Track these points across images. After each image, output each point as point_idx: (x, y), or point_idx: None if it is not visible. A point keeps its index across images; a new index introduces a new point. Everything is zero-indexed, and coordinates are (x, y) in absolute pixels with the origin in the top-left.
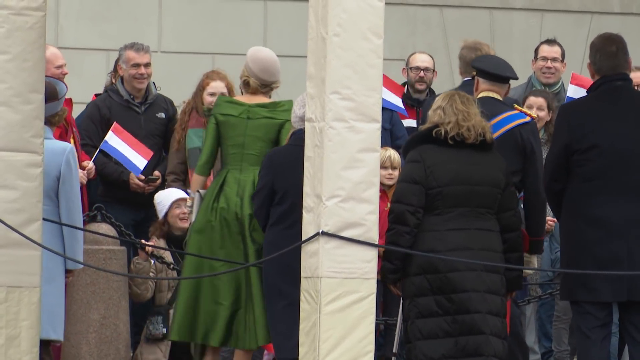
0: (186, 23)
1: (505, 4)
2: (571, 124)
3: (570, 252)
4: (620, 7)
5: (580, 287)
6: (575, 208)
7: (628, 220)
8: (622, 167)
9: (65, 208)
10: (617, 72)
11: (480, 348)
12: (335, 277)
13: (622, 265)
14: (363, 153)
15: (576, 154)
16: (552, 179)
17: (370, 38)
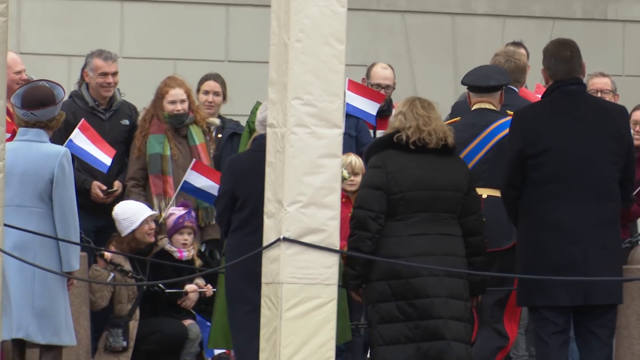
0: (148, 29)
1: (468, 10)
2: (525, 129)
3: (527, 257)
4: (582, 13)
5: (538, 292)
6: (531, 213)
7: (584, 224)
8: (576, 170)
9: (58, 211)
10: (571, 77)
11: (443, 354)
12: (296, 283)
13: (579, 269)
14: (324, 159)
15: (530, 159)
16: (509, 186)
17: (333, 44)
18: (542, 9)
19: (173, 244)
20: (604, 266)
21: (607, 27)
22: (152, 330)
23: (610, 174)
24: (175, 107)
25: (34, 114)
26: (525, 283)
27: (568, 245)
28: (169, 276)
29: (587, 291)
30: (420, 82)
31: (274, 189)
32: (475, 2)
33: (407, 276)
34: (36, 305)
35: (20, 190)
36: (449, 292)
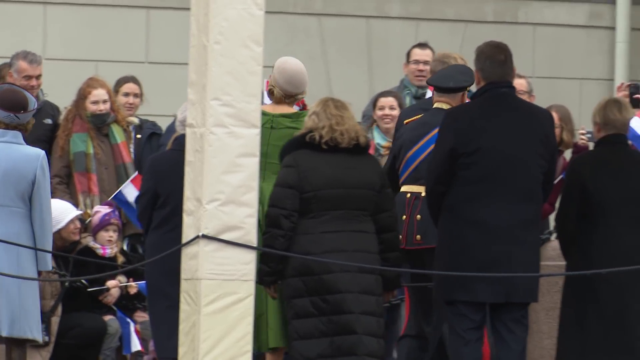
0: (71, 30)
1: (382, 13)
2: (457, 128)
3: (450, 253)
4: (494, 16)
5: (459, 288)
6: (458, 210)
7: (510, 224)
8: (506, 171)
9: (38, 210)
10: (503, 80)
11: (354, 347)
12: (215, 279)
13: (502, 267)
14: (242, 158)
15: (462, 157)
16: (436, 182)
17: (251, 46)
18: (454, 12)
19: (98, 240)
20: (526, 265)
21: (518, 29)
22: (72, 325)
23: (536, 176)
24: (98, 107)
25: (17, 116)
26: (447, 278)
27: (492, 244)
28: (91, 273)
29: (509, 289)
30: (336, 83)
31: (193, 187)
32: (389, 5)
33: (320, 272)
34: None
35: (2, 190)
36: (360, 288)
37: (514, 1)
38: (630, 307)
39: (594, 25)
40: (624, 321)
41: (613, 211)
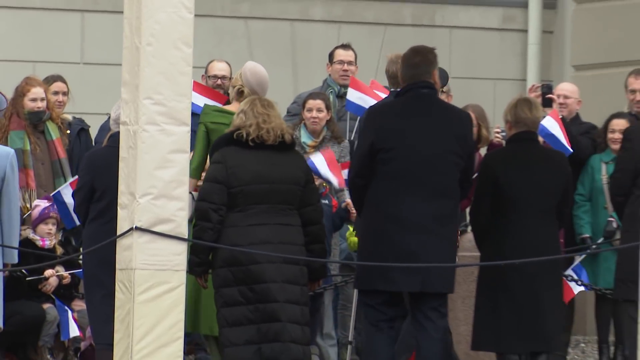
0: (9, 33)
1: (305, 16)
2: (378, 125)
3: (370, 244)
4: (412, 20)
5: (378, 278)
6: (378, 204)
7: (425, 218)
8: (423, 168)
9: (7, 206)
10: (421, 80)
11: (279, 334)
12: (148, 269)
13: (419, 258)
14: (174, 154)
15: (381, 153)
16: (356, 175)
17: (181, 47)
18: (374, 15)
19: (38, 233)
20: (441, 257)
21: (435, 32)
22: (12, 313)
23: (452, 174)
24: (36, 105)
25: None
26: (367, 268)
27: (409, 237)
28: (31, 263)
29: (425, 279)
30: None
31: (127, 182)
32: (312, 8)
33: (247, 263)
34: None
35: None
36: (285, 278)
37: (431, 5)
38: (540, 295)
39: (507, 28)
40: (535, 308)
41: (523, 205)
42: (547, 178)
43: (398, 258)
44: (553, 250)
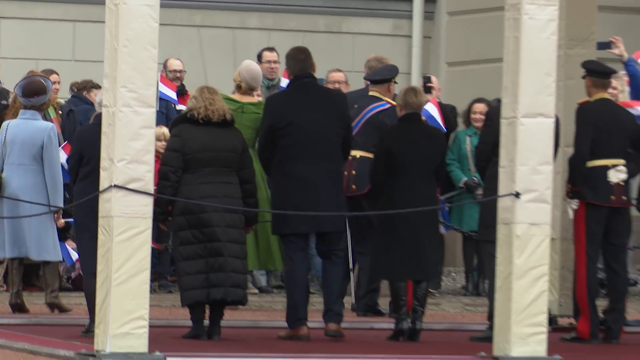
0: (17, 37)
1: (244, 25)
2: (274, 109)
3: (278, 199)
4: (325, 28)
5: (284, 224)
6: (281, 168)
7: (317, 176)
8: (311, 139)
9: (48, 167)
10: (305, 73)
11: (222, 266)
12: (123, 217)
13: (315, 207)
14: (143, 129)
15: (278, 130)
16: (263, 150)
17: (149, 49)
18: (296, 24)
19: None
20: (332, 205)
21: (342, 38)
22: None
23: (335, 142)
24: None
25: (30, 100)
26: (277, 217)
27: (306, 190)
28: None
29: (320, 222)
30: (210, 77)
31: (108, 150)
32: (249, 19)
33: (197, 212)
34: (34, 233)
35: (21, 154)
36: (226, 223)
37: (338, 16)
38: (422, 237)
39: (397, 34)
40: (418, 247)
41: (410, 168)
42: (428, 148)
43: (299, 207)
44: (431, 202)
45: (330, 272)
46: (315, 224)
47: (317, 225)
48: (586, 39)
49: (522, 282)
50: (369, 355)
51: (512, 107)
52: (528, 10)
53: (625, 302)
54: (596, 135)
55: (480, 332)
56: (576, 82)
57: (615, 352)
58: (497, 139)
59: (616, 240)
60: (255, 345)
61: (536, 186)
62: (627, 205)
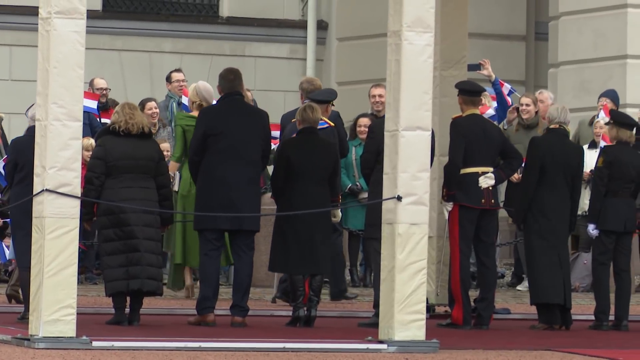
0: None
1: (159, 49)
2: (208, 119)
3: (203, 199)
4: (230, 51)
5: (208, 221)
6: (209, 171)
7: (239, 180)
8: (237, 147)
9: None
10: (234, 90)
11: (139, 260)
12: (54, 217)
13: (234, 208)
14: (71, 140)
15: (210, 137)
16: (194, 154)
17: (76, 69)
18: (205, 48)
19: None
20: (250, 206)
21: (245, 60)
22: None
23: (257, 150)
24: None
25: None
26: (200, 215)
27: (229, 192)
28: None
29: (239, 221)
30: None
31: (40, 159)
32: (163, 44)
33: (118, 212)
34: None
35: None
36: (143, 223)
37: (242, 41)
38: (315, 236)
39: (293, 57)
40: (312, 244)
41: (306, 175)
42: (322, 158)
43: (222, 207)
44: (324, 205)
45: (241, 270)
46: (235, 221)
47: (236, 223)
48: (458, 61)
49: (403, 275)
50: (268, 339)
51: (395, 121)
52: (407, 37)
53: (494, 292)
54: (468, 146)
55: (368, 318)
56: (450, 99)
57: (485, 337)
58: (379, 148)
59: (486, 238)
60: (169, 330)
61: (416, 190)
62: (496, 208)
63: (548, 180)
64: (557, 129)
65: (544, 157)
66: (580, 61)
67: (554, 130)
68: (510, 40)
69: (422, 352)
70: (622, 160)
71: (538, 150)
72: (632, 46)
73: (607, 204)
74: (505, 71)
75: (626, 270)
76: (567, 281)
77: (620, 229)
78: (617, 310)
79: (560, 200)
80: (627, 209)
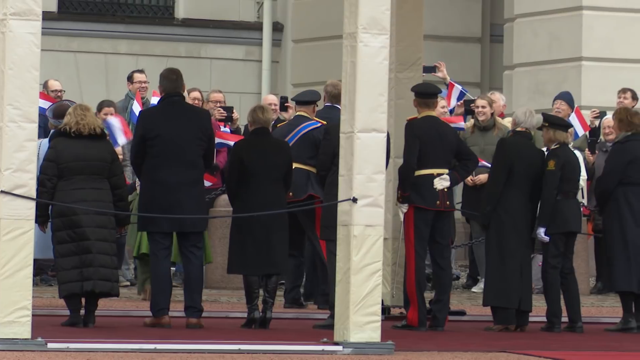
0: None
1: (115, 51)
2: (145, 122)
3: (145, 201)
4: (186, 53)
5: (150, 223)
6: (149, 174)
7: (180, 182)
8: (176, 149)
9: None
10: (175, 92)
11: (92, 261)
12: (10, 219)
13: (177, 209)
14: (27, 142)
15: (148, 141)
16: (134, 157)
17: (32, 71)
18: (160, 50)
19: None
20: (193, 207)
21: (201, 62)
22: None
23: (197, 152)
24: None
25: (60, 121)
26: (144, 218)
27: (169, 195)
28: None
29: (182, 223)
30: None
31: None
32: (119, 45)
33: (70, 214)
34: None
35: None
36: (96, 224)
37: (197, 43)
38: (271, 236)
39: (249, 59)
40: (268, 245)
41: (259, 175)
42: (276, 158)
43: (163, 209)
44: (280, 205)
45: (190, 271)
46: (176, 223)
47: (178, 225)
48: (414, 63)
49: (359, 276)
50: (223, 341)
51: (350, 123)
52: (363, 39)
53: (450, 294)
54: (423, 148)
55: (323, 320)
56: (405, 101)
57: (440, 338)
58: (335, 150)
59: (441, 240)
60: (125, 331)
61: (371, 192)
62: (451, 209)
63: (514, 182)
64: (522, 131)
65: (513, 159)
66: (535, 63)
67: (520, 133)
68: (465, 42)
69: (378, 353)
70: (571, 161)
71: (507, 152)
72: (587, 48)
73: (562, 206)
74: (461, 73)
75: (571, 273)
76: (526, 283)
77: (578, 229)
78: (570, 313)
79: (524, 202)
80: (577, 210)
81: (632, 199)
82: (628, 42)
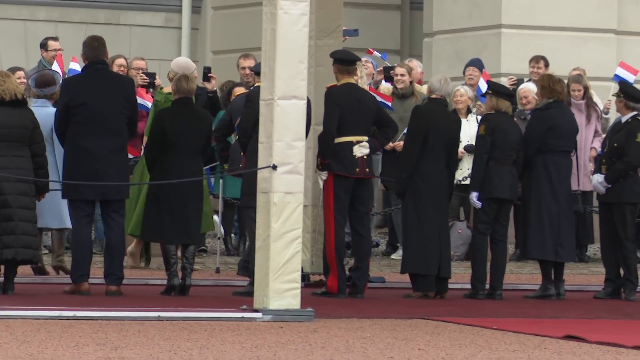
0: None
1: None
2: (69, 90)
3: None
4: (105, 20)
5: (73, 190)
6: (74, 142)
7: (104, 150)
8: (100, 117)
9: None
10: (98, 59)
11: (13, 229)
12: None
13: (101, 177)
14: None
15: (72, 109)
16: (59, 125)
17: None
18: (79, 17)
19: None
20: (117, 175)
21: (120, 29)
22: None
23: (122, 120)
24: None
25: (42, 90)
26: (68, 185)
27: (94, 162)
28: None
29: (105, 191)
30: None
31: None
32: (38, 12)
33: None
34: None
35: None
36: (18, 192)
37: (117, 10)
38: (188, 205)
39: (169, 26)
40: (184, 214)
41: (181, 145)
42: (197, 128)
43: (87, 177)
44: (198, 174)
45: (111, 237)
46: (100, 191)
47: (101, 193)
48: (333, 30)
49: (278, 243)
50: (143, 308)
51: (270, 90)
52: (283, 6)
53: (369, 261)
54: (342, 115)
55: (242, 287)
56: (325, 68)
57: (360, 305)
58: (256, 118)
59: (361, 207)
60: (44, 298)
61: (291, 159)
62: (370, 177)
63: (430, 149)
64: (438, 98)
65: (428, 126)
66: (455, 30)
67: (436, 100)
68: (385, 10)
69: (297, 320)
70: (503, 127)
71: (423, 119)
72: (507, 16)
73: (492, 172)
74: (381, 40)
75: (503, 240)
76: (445, 250)
77: (507, 195)
78: (493, 280)
79: (440, 170)
80: (510, 177)
81: (551, 166)
82: (547, 10)
